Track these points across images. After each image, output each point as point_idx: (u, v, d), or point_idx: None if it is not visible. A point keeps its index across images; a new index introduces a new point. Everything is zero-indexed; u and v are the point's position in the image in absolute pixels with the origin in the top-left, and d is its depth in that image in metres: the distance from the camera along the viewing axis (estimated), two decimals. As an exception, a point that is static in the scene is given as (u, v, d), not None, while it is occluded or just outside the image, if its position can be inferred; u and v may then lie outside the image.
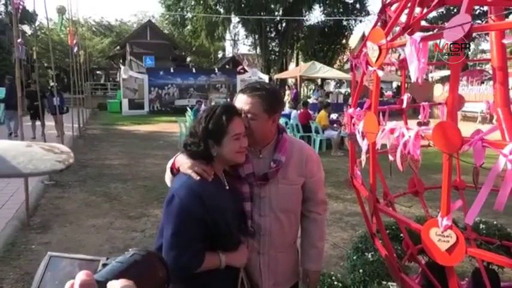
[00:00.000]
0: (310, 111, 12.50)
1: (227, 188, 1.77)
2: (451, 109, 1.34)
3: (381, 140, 1.65)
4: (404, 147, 1.53)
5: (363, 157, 1.97)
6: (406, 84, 3.38)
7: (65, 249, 4.46)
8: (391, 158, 1.65)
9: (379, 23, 2.47)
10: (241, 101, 1.76)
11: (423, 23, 2.49)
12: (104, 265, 0.66)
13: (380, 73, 1.74)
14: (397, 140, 1.58)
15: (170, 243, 1.62)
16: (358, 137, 1.97)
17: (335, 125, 11.57)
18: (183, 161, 1.70)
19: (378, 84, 1.81)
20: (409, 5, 1.88)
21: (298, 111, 12.42)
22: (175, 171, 1.74)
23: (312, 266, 1.97)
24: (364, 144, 1.93)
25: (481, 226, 3.31)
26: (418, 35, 1.43)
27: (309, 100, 18.31)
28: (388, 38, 1.74)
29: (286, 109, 17.92)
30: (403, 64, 2.95)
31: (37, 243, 4.64)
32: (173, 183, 1.72)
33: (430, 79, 29.53)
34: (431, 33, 1.49)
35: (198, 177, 1.62)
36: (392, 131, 1.61)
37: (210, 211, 1.61)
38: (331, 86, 34.69)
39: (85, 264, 0.89)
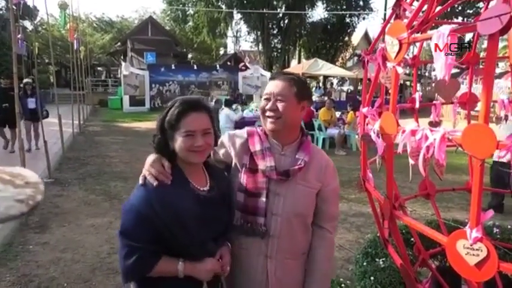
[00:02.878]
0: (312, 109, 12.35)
1: (203, 189, 1.63)
2: (486, 110, 1.21)
3: (401, 143, 1.52)
4: (427, 151, 1.40)
5: (378, 160, 1.84)
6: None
7: (63, 250, 4.35)
8: (411, 161, 1.52)
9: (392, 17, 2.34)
10: (272, 85, 1.74)
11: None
12: None
13: (399, 70, 1.60)
14: (418, 142, 1.45)
15: (120, 243, 1.53)
16: (374, 137, 1.84)
17: (339, 122, 11.44)
18: (146, 160, 1.64)
19: (397, 81, 1.68)
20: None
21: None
22: None
23: None
24: (379, 146, 1.79)
25: (495, 230, 3.18)
26: (446, 28, 1.30)
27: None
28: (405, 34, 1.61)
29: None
30: (415, 61, 2.82)
31: (35, 243, 4.52)
32: None
33: (433, 77, 29.35)
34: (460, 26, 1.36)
35: (152, 179, 1.55)
36: (413, 132, 1.48)
37: (161, 215, 1.49)
38: (333, 83, 34.53)
39: None
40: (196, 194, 1.60)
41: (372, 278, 2.61)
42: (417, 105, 2.66)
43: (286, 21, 29.08)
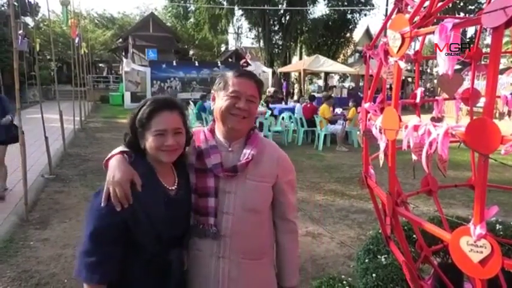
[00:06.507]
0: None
1: (171, 188, 1.63)
2: (490, 104, 1.19)
3: (404, 139, 1.49)
4: (430, 147, 1.38)
5: (381, 156, 1.82)
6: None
7: (64, 246, 4.34)
8: (414, 157, 1.50)
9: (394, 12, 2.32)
10: (242, 84, 1.69)
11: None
12: None
13: (402, 64, 1.58)
14: (421, 138, 1.43)
15: (84, 244, 1.49)
16: (376, 133, 1.81)
17: (338, 116, 11.39)
18: (113, 164, 1.59)
19: (400, 76, 1.65)
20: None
21: (302, 105, 12.25)
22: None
23: (291, 282, 1.83)
24: (382, 142, 1.77)
25: (498, 227, 3.15)
26: (449, 22, 1.27)
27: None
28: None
29: (290, 103, 17.77)
30: (416, 57, 2.80)
31: (35, 239, 4.52)
32: None
33: (434, 73, 29.27)
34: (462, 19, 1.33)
35: (116, 201, 1.48)
36: (416, 128, 1.46)
37: (134, 212, 1.49)
38: (334, 80, 34.45)
39: None
40: (166, 195, 1.60)
41: (373, 275, 2.59)
42: (418, 99, 2.63)
43: (287, 17, 28.95)
